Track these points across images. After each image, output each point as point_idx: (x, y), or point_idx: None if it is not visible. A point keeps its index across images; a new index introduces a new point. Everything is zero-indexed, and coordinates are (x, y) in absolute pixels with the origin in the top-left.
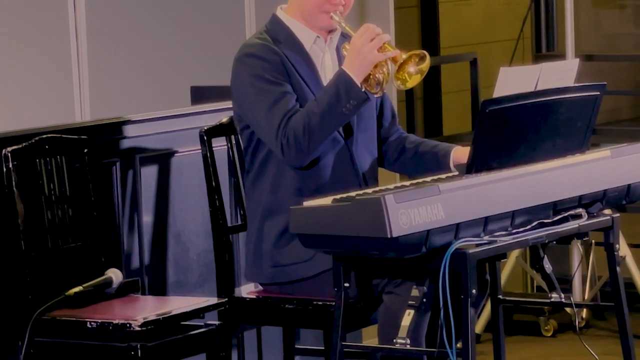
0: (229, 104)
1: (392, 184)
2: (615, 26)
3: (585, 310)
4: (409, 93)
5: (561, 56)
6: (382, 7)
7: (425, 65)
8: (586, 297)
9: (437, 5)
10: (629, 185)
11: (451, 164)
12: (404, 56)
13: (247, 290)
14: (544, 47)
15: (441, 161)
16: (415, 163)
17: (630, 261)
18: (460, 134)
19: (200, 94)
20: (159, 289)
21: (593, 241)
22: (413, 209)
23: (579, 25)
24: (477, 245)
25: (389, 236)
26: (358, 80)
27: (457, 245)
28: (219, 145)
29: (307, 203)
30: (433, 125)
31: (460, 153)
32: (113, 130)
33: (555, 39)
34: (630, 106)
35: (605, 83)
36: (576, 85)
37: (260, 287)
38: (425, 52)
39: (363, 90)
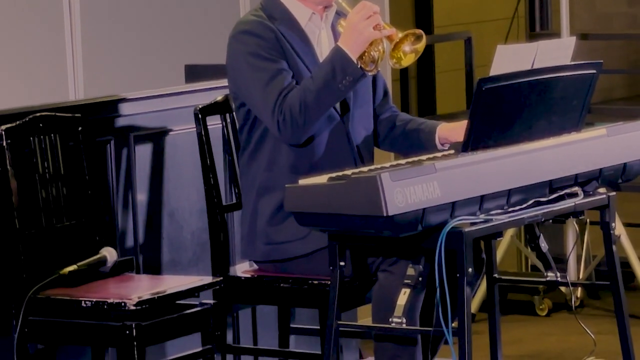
0: (223, 82)
1: (388, 162)
2: (608, 5)
3: (580, 289)
4: (403, 72)
5: (555, 35)
6: None
7: (421, 45)
8: (581, 277)
9: None
10: (624, 164)
11: (437, 141)
12: (400, 35)
13: (242, 269)
14: (538, 26)
15: (427, 138)
16: (403, 141)
17: (625, 240)
18: (454, 112)
19: (194, 73)
20: (154, 267)
21: (588, 220)
22: (409, 187)
23: (573, 4)
24: (473, 224)
25: (384, 214)
26: (354, 57)
27: (453, 223)
28: (214, 123)
29: (303, 181)
30: (427, 104)
31: (445, 129)
32: (107, 108)
33: (549, 18)
34: (624, 85)
35: (602, 61)
36: (572, 63)
37: (255, 266)
38: (421, 31)
39: (359, 66)
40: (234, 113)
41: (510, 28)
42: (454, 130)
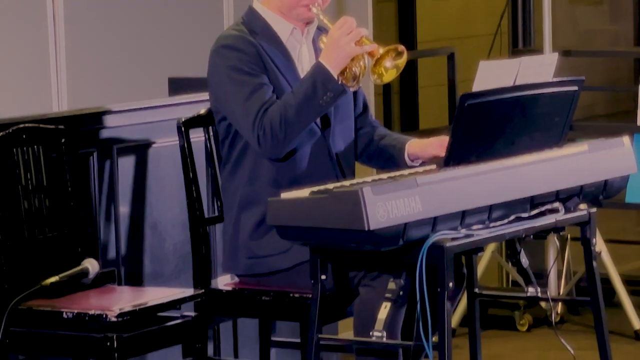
0: (207, 95)
1: (369, 176)
2: (591, 22)
3: (560, 305)
4: (386, 87)
5: (538, 51)
6: (361, 1)
7: (402, 60)
8: (561, 292)
9: None
10: (605, 181)
11: (406, 157)
12: (381, 50)
13: (224, 281)
14: (521, 43)
15: (398, 154)
16: (378, 156)
17: (606, 256)
18: (436, 128)
19: (178, 85)
20: (135, 279)
21: (569, 236)
22: (390, 202)
23: (556, 21)
24: (454, 239)
25: (366, 229)
26: (335, 73)
27: (434, 238)
28: (197, 136)
29: (285, 195)
30: (409, 119)
31: (414, 146)
32: (90, 120)
33: (532, 35)
34: (605, 102)
35: (584, 78)
36: (555, 80)
37: (237, 279)
38: (402, 47)
39: (340, 82)
40: (216, 127)
41: (493, 44)
42: (422, 147)
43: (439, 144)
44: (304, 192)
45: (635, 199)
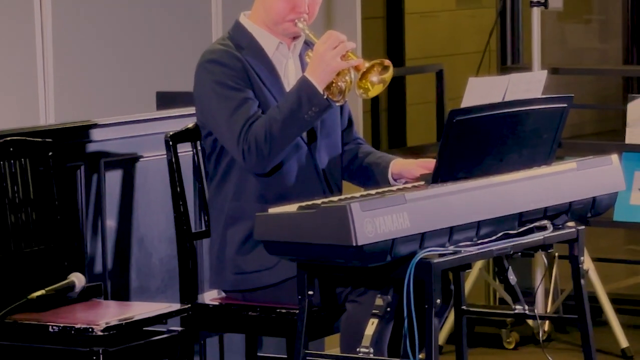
0: (194, 109)
1: (357, 192)
2: (580, 41)
3: (547, 323)
4: (374, 104)
5: (526, 69)
6: (350, 17)
7: (388, 75)
8: (549, 310)
9: (403, 16)
10: (594, 198)
11: (389, 177)
12: (367, 65)
13: (210, 297)
14: (509, 60)
15: (381, 173)
16: (361, 174)
17: (593, 275)
18: (424, 145)
19: (165, 100)
20: (122, 294)
21: (556, 254)
22: (379, 218)
23: (544, 38)
24: (442, 255)
25: (354, 244)
26: (320, 87)
27: (422, 254)
28: (184, 150)
29: (272, 210)
30: (397, 137)
31: (398, 165)
32: (78, 133)
33: (521, 52)
34: (593, 121)
35: (573, 95)
36: (544, 97)
37: (223, 294)
38: (388, 61)
39: (325, 97)
40: (202, 141)
41: (482, 61)
42: (406, 167)
43: (423, 165)
44: (291, 208)
45: (623, 217)
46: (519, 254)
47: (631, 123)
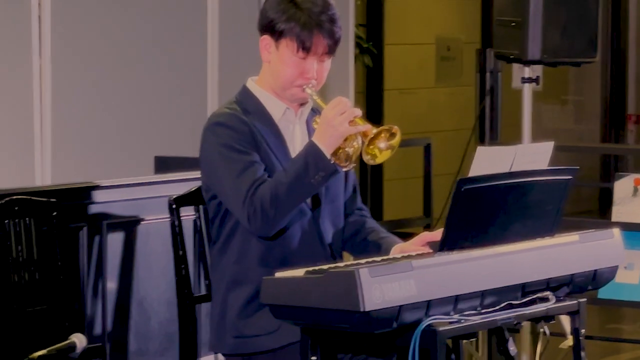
0: (195, 174)
1: (358, 259)
2: (555, 121)
3: None
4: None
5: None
6: (343, 92)
7: (396, 141)
8: None
9: (383, 92)
10: (595, 271)
11: None
12: (375, 131)
13: None
14: (487, 139)
15: (382, 254)
16: (362, 249)
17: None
18: (401, 219)
19: (164, 164)
20: (121, 355)
21: (542, 330)
22: (386, 284)
23: (520, 118)
24: (448, 323)
25: (361, 310)
26: (328, 153)
27: (427, 322)
28: (187, 214)
29: (279, 274)
30: (375, 211)
31: (399, 250)
32: (81, 194)
33: (499, 130)
34: (570, 201)
35: (578, 167)
36: (549, 168)
37: (223, 358)
38: (396, 127)
39: (332, 162)
40: (206, 205)
41: (471, 139)
42: (407, 251)
43: (420, 243)
44: (298, 272)
45: (607, 295)
46: (521, 324)
47: (618, 201)
